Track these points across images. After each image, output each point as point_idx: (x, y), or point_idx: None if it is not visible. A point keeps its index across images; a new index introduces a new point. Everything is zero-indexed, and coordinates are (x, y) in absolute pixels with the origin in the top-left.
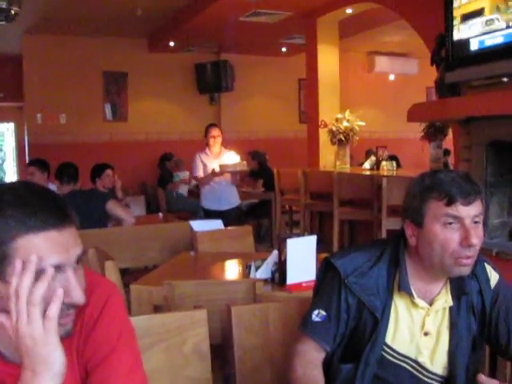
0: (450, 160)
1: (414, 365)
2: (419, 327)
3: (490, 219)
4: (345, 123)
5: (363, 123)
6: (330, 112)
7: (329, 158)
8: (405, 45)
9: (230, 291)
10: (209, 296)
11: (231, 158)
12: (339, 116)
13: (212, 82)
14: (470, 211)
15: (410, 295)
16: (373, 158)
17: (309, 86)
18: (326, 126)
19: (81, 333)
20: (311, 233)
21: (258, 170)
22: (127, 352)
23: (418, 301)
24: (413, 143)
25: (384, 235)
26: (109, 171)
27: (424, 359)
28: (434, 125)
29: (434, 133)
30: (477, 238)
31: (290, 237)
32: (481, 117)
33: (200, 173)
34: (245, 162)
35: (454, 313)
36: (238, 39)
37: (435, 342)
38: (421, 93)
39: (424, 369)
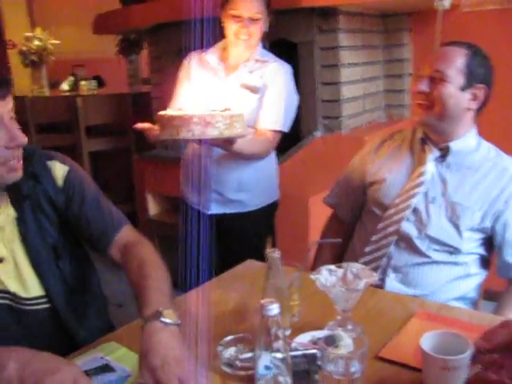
0: None
1: (9, 296)
2: None
3: None
4: (36, 42)
5: (57, 41)
6: (19, 31)
7: (25, 83)
8: None
9: None
10: None
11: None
12: (29, 35)
13: None
14: (5, 106)
15: None
16: (71, 79)
17: None
18: (15, 46)
19: None
20: None
21: None
22: None
23: None
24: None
25: (86, 159)
26: None
27: (15, 288)
28: (128, 38)
29: (128, 47)
30: (24, 136)
31: None
32: (168, 24)
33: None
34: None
35: (21, 224)
36: None
37: (16, 265)
38: None
39: (21, 298)
